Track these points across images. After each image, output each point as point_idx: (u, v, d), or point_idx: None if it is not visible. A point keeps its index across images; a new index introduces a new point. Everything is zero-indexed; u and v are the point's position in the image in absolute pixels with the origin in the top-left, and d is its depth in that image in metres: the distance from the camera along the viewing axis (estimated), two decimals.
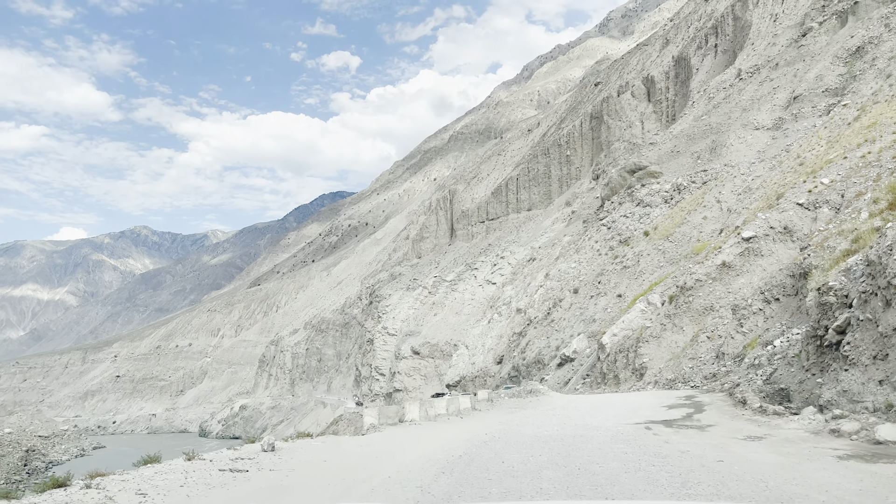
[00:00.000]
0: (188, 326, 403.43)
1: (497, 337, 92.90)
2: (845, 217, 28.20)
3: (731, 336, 30.79)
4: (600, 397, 30.41)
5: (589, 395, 32.97)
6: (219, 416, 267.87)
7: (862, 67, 68.33)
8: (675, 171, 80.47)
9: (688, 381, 30.74)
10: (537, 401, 25.86)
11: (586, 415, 20.97)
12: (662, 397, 24.56)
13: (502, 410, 24.81)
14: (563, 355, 57.16)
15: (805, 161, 53.70)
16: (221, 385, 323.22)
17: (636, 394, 30.21)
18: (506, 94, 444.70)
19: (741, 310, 31.21)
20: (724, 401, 19.60)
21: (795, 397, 15.48)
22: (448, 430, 19.81)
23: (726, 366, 28.99)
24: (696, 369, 31.85)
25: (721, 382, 26.08)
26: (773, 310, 29.74)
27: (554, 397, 28.14)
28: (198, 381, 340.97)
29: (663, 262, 59.82)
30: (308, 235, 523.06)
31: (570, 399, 28.37)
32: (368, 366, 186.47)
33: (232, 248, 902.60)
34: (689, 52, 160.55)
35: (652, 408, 20.92)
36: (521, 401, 26.04)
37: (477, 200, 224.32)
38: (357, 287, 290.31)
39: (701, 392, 24.89)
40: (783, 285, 29.98)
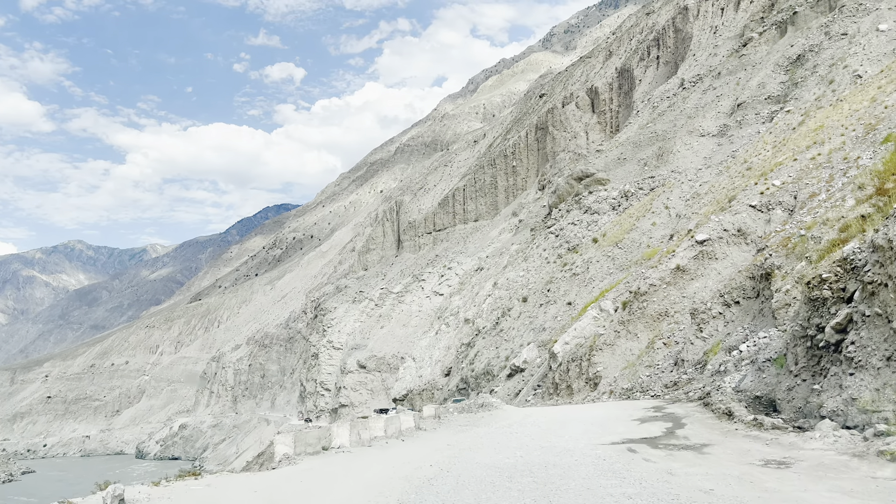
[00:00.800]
0: (125, 343, 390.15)
1: (445, 348, 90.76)
2: (827, 206, 27.19)
3: (689, 342, 29.37)
4: (558, 410, 28.21)
5: (545, 408, 30.85)
6: (157, 437, 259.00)
7: (803, 75, 69.03)
8: (622, 178, 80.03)
9: (646, 391, 29.14)
10: (490, 416, 23.36)
11: (550, 433, 18.46)
12: (628, 409, 22.54)
13: (451, 429, 22.26)
14: (512, 366, 55.34)
15: (752, 166, 53.34)
16: (160, 404, 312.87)
17: (597, 405, 28.22)
18: (452, 107, 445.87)
19: (700, 314, 29.85)
20: (700, 412, 17.75)
21: (784, 407, 13.75)
22: (382, 460, 16.50)
23: (687, 373, 27.48)
24: (655, 377, 30.31)
25: (684, 391, 24.49)
26: (733, 313, 28.45)
27: (508, 411, 25.30)
28: (135, 401, 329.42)
29: (613, 269, 58.74)
30: (251, 249, 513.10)
31: (526, 413, 25.82)
32: (313, 381, 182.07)
33: (172, 262, 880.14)
34: (632, 63, 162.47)
35: (621, 421, 18.78)
36: (471, 416, 23.26)
37: (424, 211, 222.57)
38: (302, 301, 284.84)
39: (666, 402, 23.18)
40: (743, 288, 28.73)
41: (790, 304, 22.87)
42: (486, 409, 24.21)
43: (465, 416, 23.45)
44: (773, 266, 25.35)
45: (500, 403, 25.83)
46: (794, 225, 31.61)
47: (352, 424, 19.08)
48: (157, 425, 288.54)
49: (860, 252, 11.67)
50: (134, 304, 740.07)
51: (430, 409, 24.86)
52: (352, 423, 19.00)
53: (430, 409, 24.86)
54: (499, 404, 25.48)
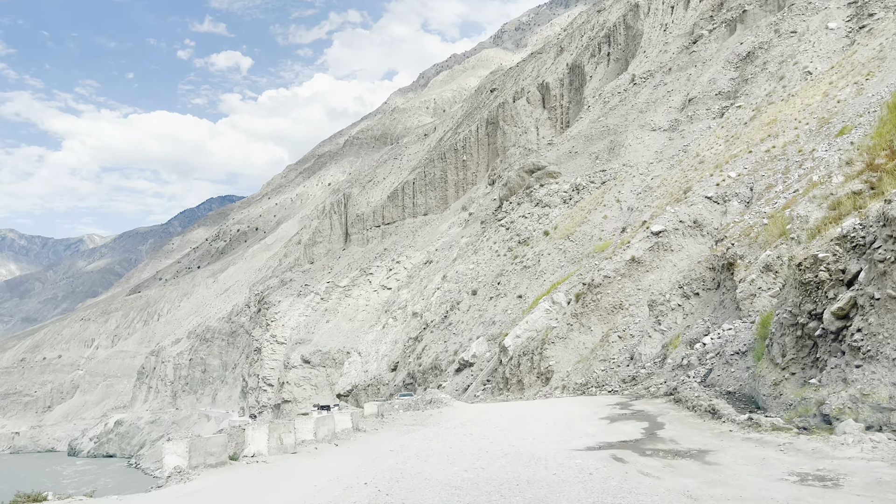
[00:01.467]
0: (58, 337, 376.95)
1: (392, 343, 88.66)
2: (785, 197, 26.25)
3: (647, 335, 28.19)
4: (514, 406, 26.21)
5: (497, 404, 29.11)
6: (91, 433, 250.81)
7: (753, 71, 69.32)
8: (573, 172, 79.30)
9: (602, 385, 27.85)
10: (440, 414, 21.21)
11: (511, 434, 16.10)
12: (590, 405, 20.75)
13: (395, 430, 19.73)
14: (461, 360, 53.78)
15: (705, 159, 52.91)
16: (95, 399, 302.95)
17: (554, 401, 26.55)
18: (402, 101, 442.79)
19: (658, 306, 28.69)
20: (674, 409, 16.19)
21: (770, 403, 12.33)
22: (304, 474, 12.94)
23: (645, 367, 26.27)
24: (611, 372, 29.07)
25: (644, 386, 23.22)
26: (693, 305, 27.37)
27: (459, 408, 23.49)
28: (68, 396, 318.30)
29: (564, 262, 57.71)
30: (194, 240, 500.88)
31: (478, 410, 23.87)
32: (256, 376, 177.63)
33: (111, 253, 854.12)
34: (583, 60, 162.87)
35: (588, 420, 17.00)
36: (419, 414, 21.16)
37: (373, 204, 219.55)
38: (245, 294, 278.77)
39: (628, 398, 21.76)
40: (702, 279, 27.69)
41: (755, 294, 21.77)
42: (435, 406, 22.18)
43: (411, 415, 21.06)
44: (736, 256, 24.29)
45: (449, 399, 23.87)
46: (753, 215, 30.75)
47: (271, 427, 15.49)
48: (91, 422, 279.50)
49: (862, 228, 10.34)
50: (69, 295, 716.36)
51: (372, 407, 22.50)
52: (271, 426, 15.63)
53: (372, 407, 22.50)
54: (448, 400, 23.50)
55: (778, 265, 21.82)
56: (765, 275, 21.72)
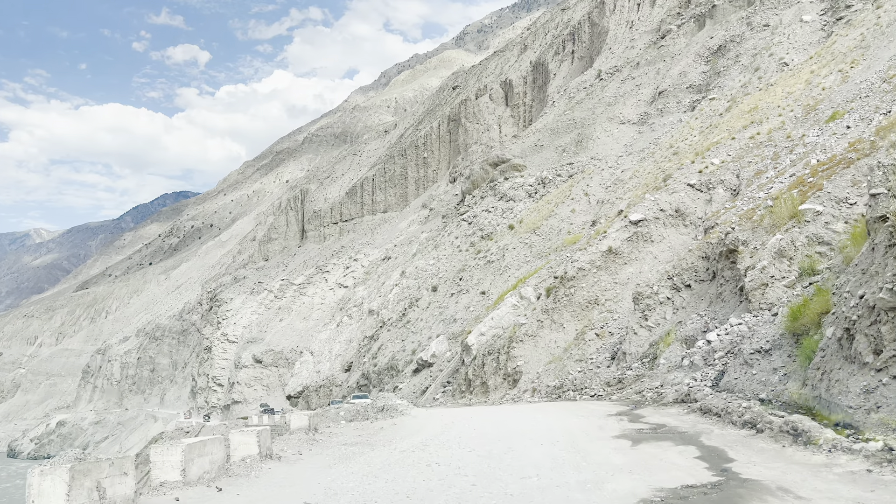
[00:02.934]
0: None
1: (346, 342, 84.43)
2: (778, 182, 23.25)
3: (632, 331, 24.93)
4: (485, 415, 21.80)
5: (464, 410, 25.19)
6: (32, 434, 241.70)
7: (726, 64, 67.31)
8: (539, 165, 76.25)
9: (581, 389, 24.51)
10: (393, 427, 16.73)
11: (497, 464, 11.33)
12: (586, 416, 16.79)
13: (327, 455, 14.49)
14: (420, 360, 50.09)
15: (679, 150, 50.27)
16: (37, 399, 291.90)
17: (534, 409, 22.38)
18: (363, 100, 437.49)
19: (644, 299, 25.43)
20: (708, 423, 12.47)
21: (859, 418, 8.92)
22: None
23: (632, 368, 23.01)
24: (590, 373, 25.76)
25: (635, 390, 19.94)
26: (683, 298, 24.26)
27: (418, 418, 19.20)
28: (9, 395, 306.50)
29: (531, 257, 54.49)
30: (146, 236, 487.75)
31: (443, 421, 18.97)
32: (205, 375, 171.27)
33: (58, 248, 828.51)
34: (547, 57, 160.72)
35: (598, 440, 12.92)
36: (366, 428, 16.65)
37: (330, 201, 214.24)
38: (198, 291, 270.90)
39: (625, 405, 18.27)
40: (694, 269, 24.58)
41: (767, 283, 18.58)
42: (388, 415, 17.91)
43: (355, 428, 16.08)
44: (738, 242, 21.18)
45: (406, 406, 19.79)
46: (746, 201, 27.78)
47: (78, 470, 8.47)
48: (32, 422, 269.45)
49: None
50: (13, 291, 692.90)
51: (301, 419, 17.08)
52: (75, 470, 8.47)
53: (301, 419, 17.08)
54: (405, 407, 19.35)
55: (792, 251, 18.68)
56: (777, 262, 18.59)
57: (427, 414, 22.37)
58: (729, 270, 21.38)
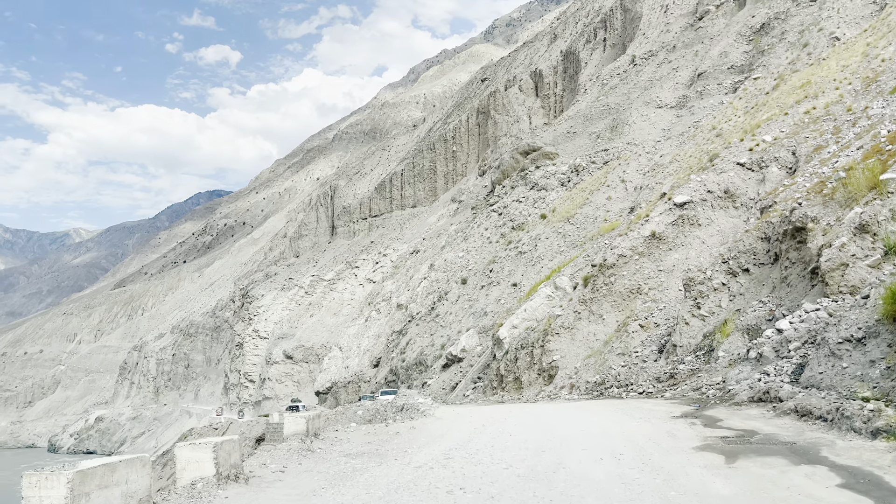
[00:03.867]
0: (40, 331, 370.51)
1: (374, 337, 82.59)
2: (843, 157, 20.57)
3: (683, 321, 22.41)
4: (521, 416, 18.72)
5: (496, 409, 22.73)
6: (72, 430, 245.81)
7: (770, 42, 63.76)
8: (571, 153, 73.38)
9: (627, 385, 22.08)
10: (411, 432, 13.85)
11: (551, 490, 8.63)
12: (644, 417, 14.17)
13: (317, 473, 11.31)
14: (449, 355, 47.89)
15: (723, 132, 47.21)
16: (77, 395, 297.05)
17: (577, 408, 19.68)
18: (392, 96, 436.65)
19: (697, 286, 22.85)
20: (817, 430, 9.68)
21: None
22: None
23: (685, 362, 20.55)
24: (635, 368, 23.31)
25: (692, 386, 17.52)
26: (741, 284, 21.70)
27: (442, 419, 16.51)
28: (49, 391, 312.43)
29: (564, 247, 51.89)
30: (180, 235, 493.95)
31: (473, 424, 16.03)
32: (237, 371, 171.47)
33: (97, 247, 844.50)
34: (578, 46, 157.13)
35: (678, 452, 10.03)
36: (379, 433, 13.88)
37: (359, 196, 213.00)
38: (230, 288, 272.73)
39: (685, 403, 15.78)
40: (753, 251, 21.98)
41: (848, 263, 15.94)
42: (408, 416, 15.48)
43: (367, 433, 13.38)
44: (807, 217, 18.57)
45: (429, 405, 17.28)
46: (807, 177, 24.98)
47: None
48: (72, 417, 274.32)
49: None
50: (54, 290, 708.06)
51: (297, 423, 13.66)
52: None
53: (297, 423, 13.66)
54: (427, 407, 16.81)
55: (875, 226, 16.02)
56: (858, 239, 15.94)
57: (454, 414, 19.59)
58: (795, 251, 18.79)
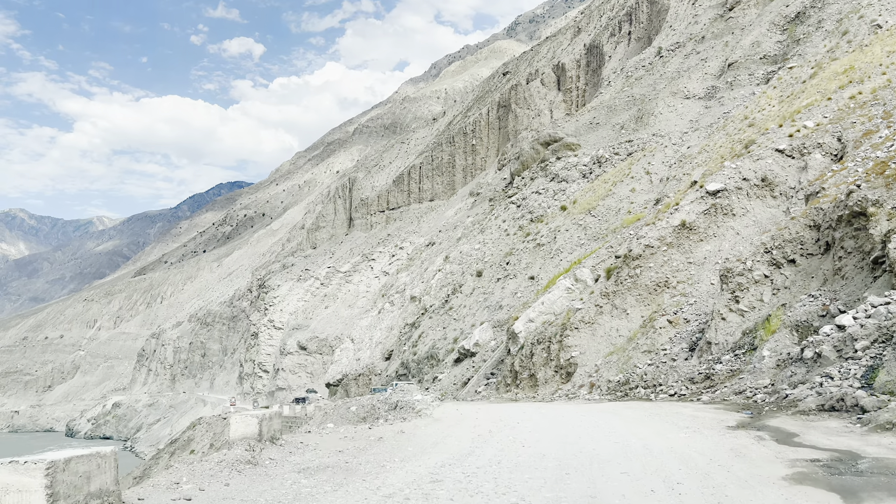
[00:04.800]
0: (61, 317, 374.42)
1: (387, 329, 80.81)
2: None
3: (719, 316, 20.22)
4: (537, 420, 15.65)
5: (507, 409, 20.35)
6: (89, 415, 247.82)
7: (806, 31, 60.92)
8: (594, 144, 70.93)
9: (656, 386, 19.96)
10: (399, 437, 11.19)
11: None
12: (696, 427, 11.42)
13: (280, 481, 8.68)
14: (461, 349, 45.90)
15: (756, 121, 44.67)
16: (95, 381, 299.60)
17: (603, 412, 17.14)
18: (413, 91, 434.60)
19: (735, 277, 20.62)
20: None
21: None
22: None
23: (722, 361, 18.39)
24: (665, 367, 21.17)
25: (735, 389, 15.39)
26: (786, 277, 19.50)
27: (440, 421, 13.79)
28: (69, 376, 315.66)
29: (585, 239, 49.63)
30: (202, 225, 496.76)
31: (477, 430, 13.17)
32: (251, 361, 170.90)
33: (119, 235, 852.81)
34: (602, 39, 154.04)
35: (778, 492, 7.11)
36: (360, 436, 11.28)
37: (377, 189, 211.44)
38: (248, 278, 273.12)
39: (735, 408, 13.60)
40: (800, 241, 19.77)
41: None
42: (399, 416, 12.94)
43: (342, 438, 10.72)
44: (866, 201, 16.34)
45: (427, 403, 14.93)
46: (858, 162, 22.59)
47: None
48: (90, 402, 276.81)
49: None
50: (77, 276, 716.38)
51: (246, 424, 10.47)
52: None
53: (246, 424, 10.47)
54: (426, 405, 14.37)
55: None
56: None
57: (456, 415, 16.46)
58: (852, 239, 16.59)
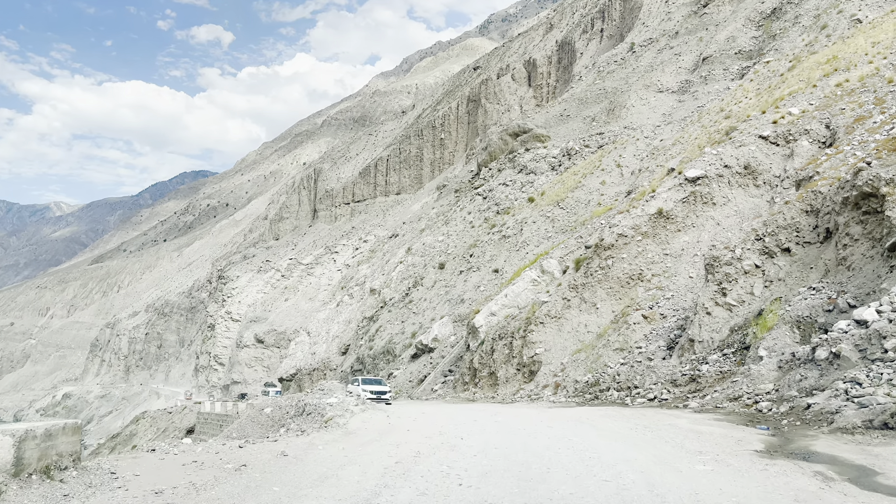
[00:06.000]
0: (12, 304, 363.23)
1: (345, 322, 77.78)
2: None
3: (704, 311, 17.89)
4: (491, 432, 12.20)
5: (456, 415, 16.87)
6: (38, 405, 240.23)
7: (782, 27, 59.54)
8: (564, 136, 68.75)
9: (630, 389, 17.52)
10: (274, 465, 8.11)
11: None
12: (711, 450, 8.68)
13: None
14: (419, 344, 43.23)
15: (733, 113, 42.72)
16: (46, 370, 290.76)
17: (574, 419, 14.07)
18: (384, 85, 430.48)
19: (722, 267, 18.28)
20: None
21: None
22: None
23: (709, 362, 16.05)
24: (641, 368, 18.76)
25: (729, 395, 13.02)
26: (780, 267, 17.28)
27: (355, 436, 10.53)
28: (18, 365, 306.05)
29: (553, 232, 47.32)
30: (163, 213, 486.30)
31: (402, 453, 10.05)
32: (207, 354, 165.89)
33: (77, 222, 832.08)
34: (574, 36, 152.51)
35: None
36: (224, 459, 8.32)
37: (343, 181, 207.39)
38: (208, 269, 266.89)
39: (741, 419, 11.05)
40: (795, 227, 17.56)
41: None
42: (300, 428, 9.25)
43: (189, 464, 7.95)
44: (880, 180, 14.11)
45: (343, 409, 11.16)
46: (855, 146, 20.46)
47: None
48: (40, 393, 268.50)
49: None
50: (31, 263, 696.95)
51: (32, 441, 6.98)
52: None
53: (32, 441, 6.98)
54: (339, 411, 10.51)
55: None
56: None
57: (380, 426, 12.68)
58: (860, 225, 14.40)
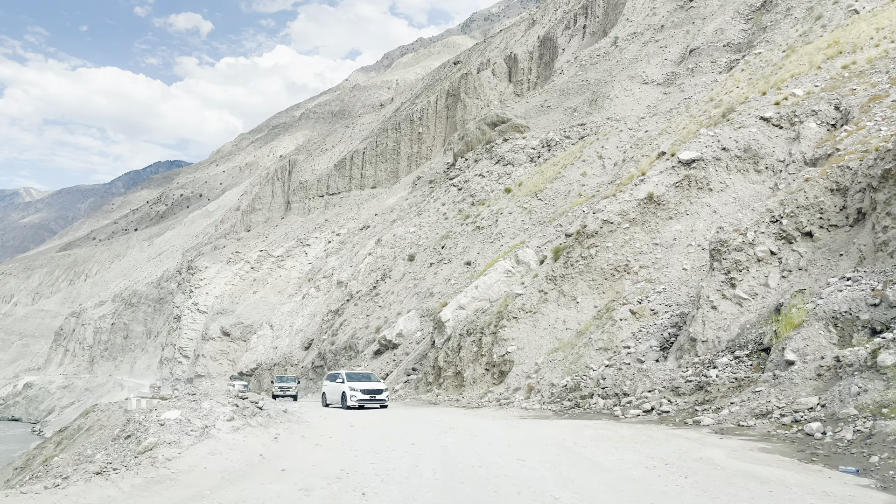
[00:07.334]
0: None
1: (310, 316, 74.41)
2: None
3: (708, 304, 15.08)
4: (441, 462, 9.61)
5: (406, 424, 14.02)
6: None
7: (773, 19, 57.27)
8: (544, 127, 65.99)
9: (618, 396, 14.66)
10: None
11: None
12: None
13: None
14: (383, 339, 40.14)
15: (723, 103, 40.11)
16: (8, 359, 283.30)
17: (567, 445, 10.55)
18: (364, 79, 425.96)
19: (731, 253, 15.47)
20: None
21: None
22: None
23: (717, 366, 13.23)
24: (630, 371, 15.89)
25: (756, 411, 10.21)
26: (800, 254, 14.58)
27: (182, 485, 7.67)
28: None
29: (529, 224, 44.48)
30: (135, 202, 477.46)
31: None
32: (172, 346, 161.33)
33: (47, 209, 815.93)
34: (556, 32, 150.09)
35: None
36: None
37: (318, 172, 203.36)
38: (178, 260, 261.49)
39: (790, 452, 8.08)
40: (819, 208, 14.85)
41: None
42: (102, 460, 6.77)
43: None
44: None
45: (185, 427, 8.18)
46: (877, 122, 17.74)
47: None
48: (1, 381, 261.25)
49: None
50: None
51: None
52: None
53: None
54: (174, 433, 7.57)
55: None
56: None
57: (242, 464, 9.57)
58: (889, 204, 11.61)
